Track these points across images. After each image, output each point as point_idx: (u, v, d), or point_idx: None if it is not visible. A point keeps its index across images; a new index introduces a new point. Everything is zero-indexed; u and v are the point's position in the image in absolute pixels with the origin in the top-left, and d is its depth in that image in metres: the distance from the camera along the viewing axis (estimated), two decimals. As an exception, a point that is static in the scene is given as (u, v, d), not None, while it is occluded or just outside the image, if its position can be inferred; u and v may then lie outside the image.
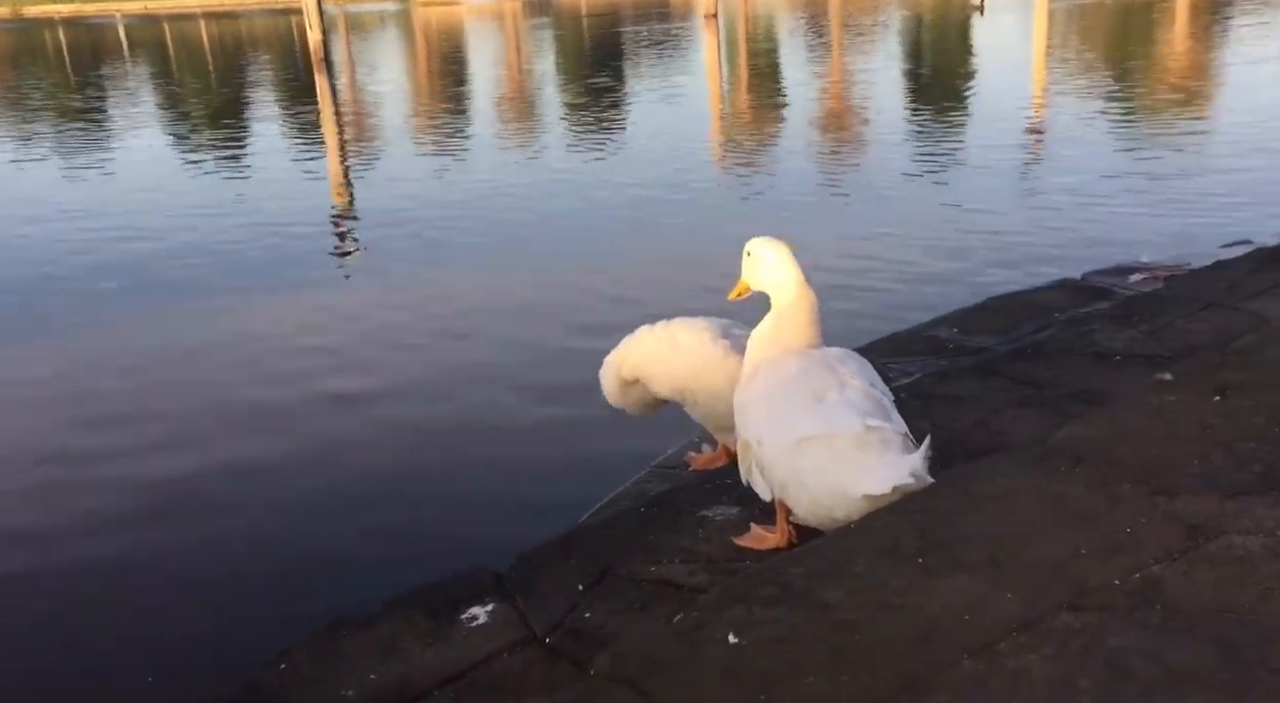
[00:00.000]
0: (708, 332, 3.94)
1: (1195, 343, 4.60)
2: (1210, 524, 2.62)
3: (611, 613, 3.05)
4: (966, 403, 4.19)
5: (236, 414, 5.80)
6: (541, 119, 17.80)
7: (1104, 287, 6.60)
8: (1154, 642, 2.22)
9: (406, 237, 9.76)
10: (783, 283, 3.25)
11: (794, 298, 3.23)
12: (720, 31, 32.66)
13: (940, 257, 8.15)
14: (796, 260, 3.28)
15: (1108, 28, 25.26)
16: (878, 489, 2.76)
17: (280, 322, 7.54)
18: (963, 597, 2.44)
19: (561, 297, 7.62)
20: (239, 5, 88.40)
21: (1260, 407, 3.17)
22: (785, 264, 3.26)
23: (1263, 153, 10.74)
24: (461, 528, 4.35)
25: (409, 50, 38.68)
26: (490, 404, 5.71)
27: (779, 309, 3.27)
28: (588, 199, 10.96)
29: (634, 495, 4.42)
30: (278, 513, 4.63)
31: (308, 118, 19.43)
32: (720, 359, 3.85)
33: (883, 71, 21.03)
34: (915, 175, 11.19)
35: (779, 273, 3.27)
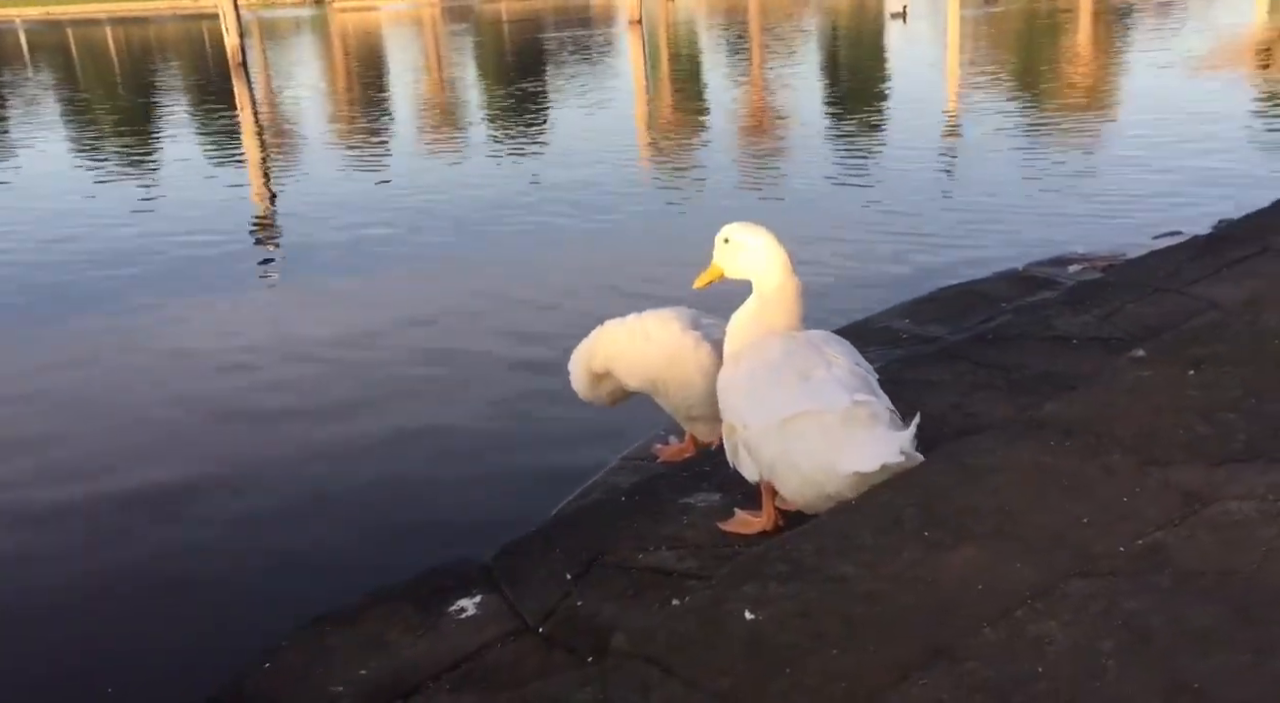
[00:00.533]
0: (677, 322, 3.90)
1: (1148, 325, 4.71)
2: (1204, 491, 2.66)
3: (604, 600, 2.98)
4: (937, 387, 4.21)
5: (205, 419, 5.63)
6: (465, 125, 17.58)
7: (1045, 277, 6.74)
8: (1170, 604, 2.23)
9: (339, 243, 9.51)
10: (768, 269, 3.23)
11: (780, 284, 3.21)
12: (644, 37, 32.77)
13: (876, 257, 8.24)
14: (776, 240, 3.26)
15: (1017, 33, 25.98)
16: (868, 467, 2.73)
17: (229, 327, 7.32)
18: (974, 567, 2.43)
19: (498, 300, 7.48)
20: (147, 10, 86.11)
21: (1234, 379, 3.23)
22: (771, 250, 3.24)
23: (1174, 150, 11.10)
24: (436, 524, 4.25)
25: (326, 55, 38.04)
26: (450, 405, 5.60)
27: (763, 295, 3.24)
28: (516, 204, 10.80)
29: (605, 488, 4.36)
30: (249, 515, 4.48)
31: (226, 124, 18.93)
32: (691, 349, 3.81)
33: (804, 77, 21.30)
34: (840, 177, 11.30)
35: (764, 259, 3.24)
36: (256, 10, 75.47)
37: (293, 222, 10.74)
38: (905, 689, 2.08)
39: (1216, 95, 14.42)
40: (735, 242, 3.31)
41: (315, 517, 4.38)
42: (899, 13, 29.46)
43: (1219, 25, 22.66)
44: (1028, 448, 2.97)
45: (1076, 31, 24.57)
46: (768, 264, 3.23)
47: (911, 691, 2.07)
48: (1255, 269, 5.32)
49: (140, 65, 36.15)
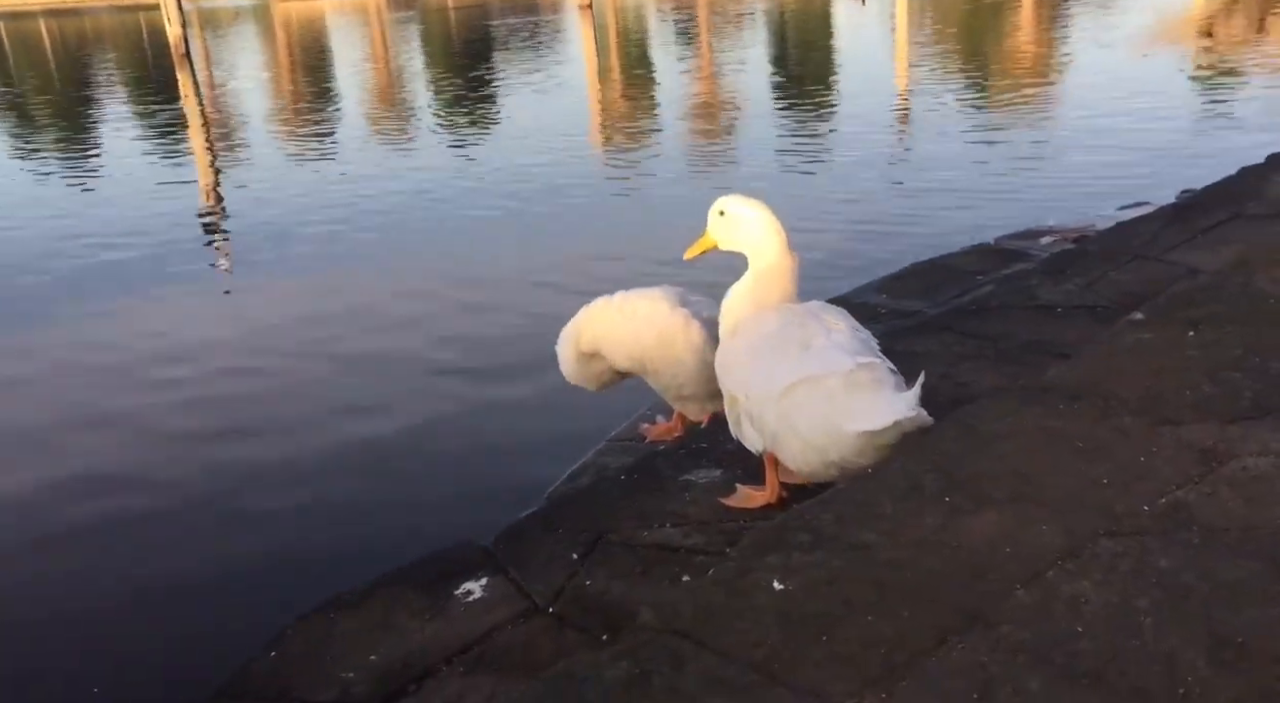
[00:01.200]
0: (666, 301, 3.84)
1: (1131, 292, 4.73)
2: (1219, 449, 2.65)
3: (612, 578, 2.93)
4: (926, 358, 4.19)
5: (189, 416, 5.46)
6: (415, 115, 17.28)
7: (1017, 249, 6.76)
8: (1200, 560, 2.22)
9: (295, 236, 9.20)
10: (765, 244, 3.18)
11: (777, 259, 3.16)
12: (595, 22, 32.56)
13: (842, 235, 8.17)
14: (772, 214, 3.21)
15: (963, 13, 26.21)
16: (878, 424, 2.67)
17: (193, 320, 7.12)
18: (999, 531, 2.40)
19: (464, 289, 7.30)
20: (82, 2, 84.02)
21: (1234, 339, 3.24)
22: (768, 226, 3.19)
23: (1125, 124, 11.18)
24: (428, 513, 4.15)
25: (271, 46, 37.34)
26: (429, 395, 5.47)
27: (759, 270, 3.19)
28: (472, 194, 10.58)
29: (595, 469, 4.30)
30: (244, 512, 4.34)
31: (170, 117, 18.47)
32: (681, 327, 3.75)
33: (755, 60, 21.29)
34: (796, 158, 11.23)
35: (760, 234, 3.19)
36: (196, 1, 73.93)
37: (242, 216, 10.47)
38: (944, 654, 2.04)
39: (1161, 71, 14.63)
40: (731, 214, 3.25)
41: (305, 510, 4.26)
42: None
43: (1158, 4, 23.02)
44: (1036, 413, 2.95)
45: (1020, 10, 24.83)
46: (764, 238, 3.18)
47: (951, 655, 2.04)
48: (1229, 235, 5.38)
49: (78, 58, 35.19)
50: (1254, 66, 14.12)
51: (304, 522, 4.15)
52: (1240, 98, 12.14)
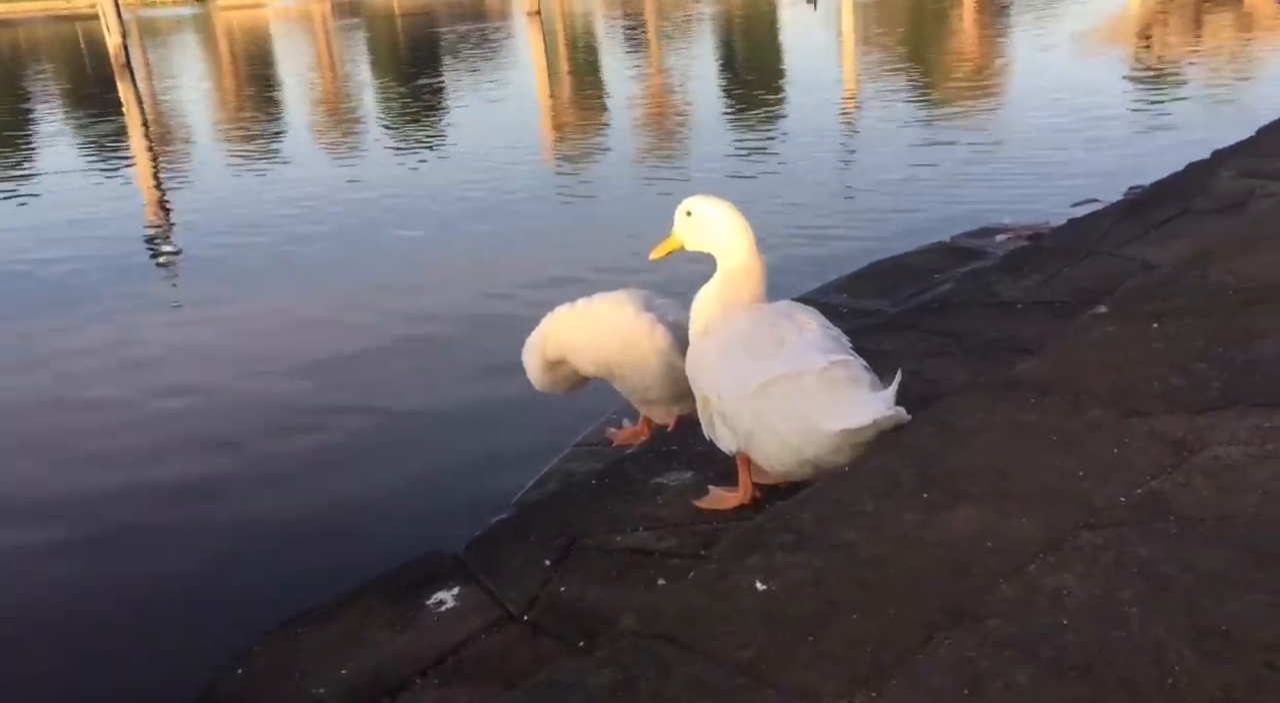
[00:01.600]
0: (631, 304, 3.80)
1: (1088, 287, 4.78)
2: (1190, 439, 2.67)
3: (587, 584, 2.89)
4: (893, 356, 4.20)
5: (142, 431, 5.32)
6: (362, 124, 17.03)
7: (973, 248, 6.83)
8: (1179, 551, 2.22)
9: (243, 249, 9.02)
10: (733, 245, 3.15)
11: (746, 259, 3.14)
12: (544, 29, 32.46)
13: (798, 238, 8.17)
14: (739, 214, 3.19)
15: (908, 17, 26.53)
16: (857, 422, 2.66)
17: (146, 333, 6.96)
18: (979, 526, 2.39)
19: (417, 301, 7.19)
20: (15, 12, 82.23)
21: (1196, 330, 3.28)
22: (736, 225, 3.16)
23: (1069, 124, 11.35)
24: (394, 524, 4.07)
25: (213, 55, 36.77)
26: (389, 407, 5.37)
27: (728, 271, 3.17)
28: (421, 204, 10.40)
29: (562, 475, 4.25)
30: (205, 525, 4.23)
31: (111, 129, 18.08)
32: (646, 332, 3.72)
33: (704, 65, 21.35)
34: (748, 162, 11.23)
35: (728, 234, 3.16)
36: (135, 10, 72.64)
37: (188, 228, 10.24)
38: (932, 650, 2.02)
39: (1102, 71, 14.88)
40: (698, 214, 3.22)
41: (270, 524, 4.16)
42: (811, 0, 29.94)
43: (1097, 7, 23.47)
44: (1008, 408, 2.95)
45: (962, 14, 25.18)
46: (732, 238, 3.16)
47: (939, 651, 2.02)
48: (1179, 230, 5.46)
49: (12, 70, 34.37)
50: (1191, 66, 14.44)
51: (269, 536, 4.05)
52: (1180, 96, 12.40)
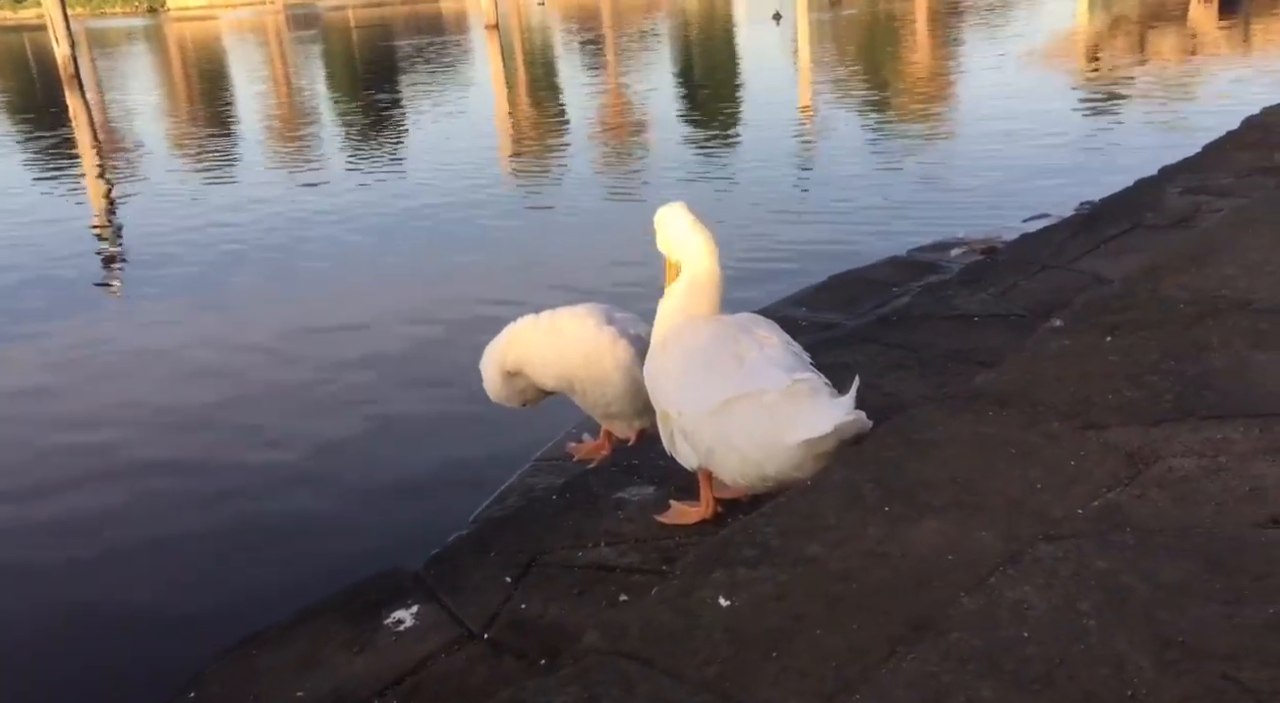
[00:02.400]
0: (592, 318, 3.79)
1: (1042, 300, 4.85)
2: (1145, 451, 2.71)
3: (548, 601, 2.86)
4: (853, 368, 4.16)
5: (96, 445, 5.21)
6: (317, 137, 16.84)
7: (929, 261, 6.90)
8: (1138, 562, 2.24)
9: (195, 262, 8.87)
10: (694, 252, 3.15)
11: (707, 265, 3.14)
12: (501, 42, 32.40)
13: (757, 252, 8.17)
14: (703, 223, 3.18)
15: (862, 35, 26.84)
16: (819, 431, 2.64)
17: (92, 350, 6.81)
18: (941, 539, 2.40)
19: (372, 314, 7.10)
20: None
21: (1150, 343, 3.33)
22: (692, 229, 3.16)
23: (1018, 140, 11.51)
24: (352, 541, 4.00)
25: (165, 67, 36.28)
26: (345, 422, 5.30)
27: (692, 276, 3.16)
28: (376, 218, 10.27)
29: (522, 490, 4.21)
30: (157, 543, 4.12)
31: (59, 141, 17.76)
32: (608, 346, 3.71)
33: (662, 80, 21.42)
34: (705, 178, 11.22)
35: (688, 241, 3.16)
36: (84, 20, 71.55)
37: (137, 243, 10.04)
38: (896, 665, 2.02)
39: (1051, 88, 15.14)
40: (661, 221, 3.22)
41: (223, 543, 4.07)
42: (778, 15, 30.15)
43: (1044, 27, 23.91)
44: (968, 420, 2.97)
45: (915, 33, 25.51)
46: (693, 246, 3.15)
47: (903, 665, 2.02)
48: (1130, 244, 5.56)
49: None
50: (1137, 83, 14.73)
51: (223, 555, 3.96)
52: (1127, 113, 12.64)
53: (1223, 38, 17.90)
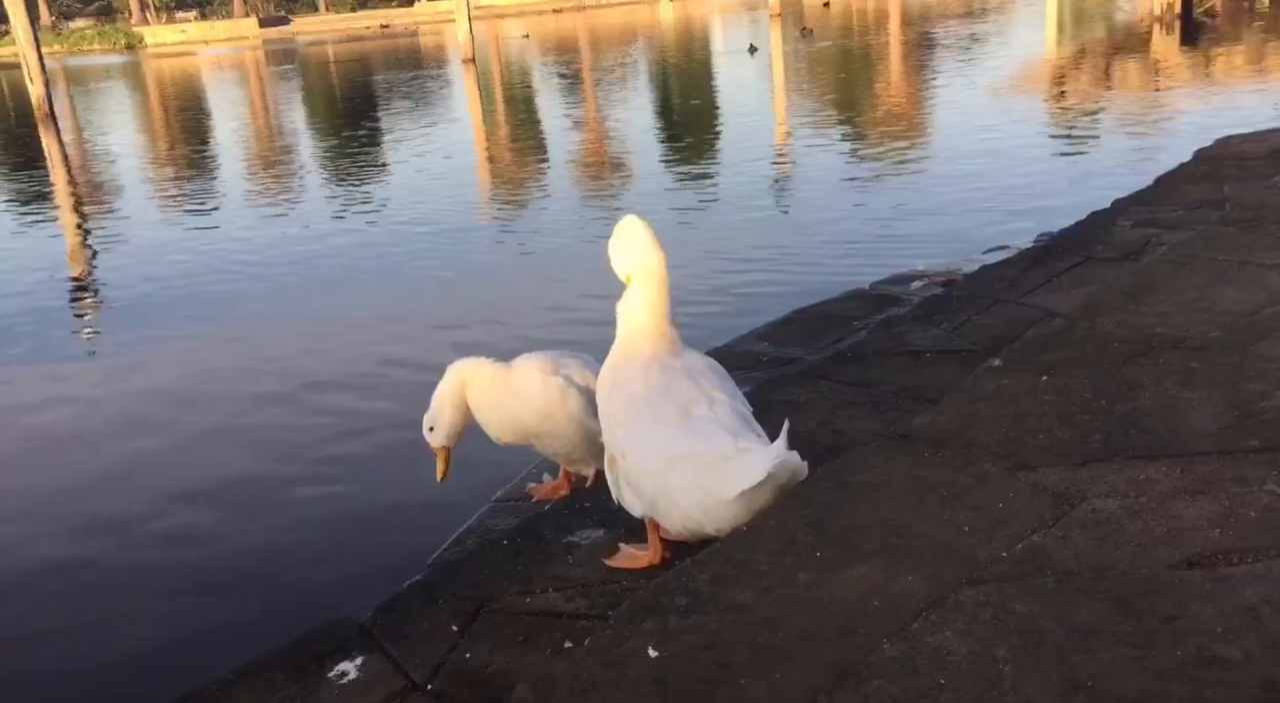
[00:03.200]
0: (539, 373, 3.84)
1: (994, 336, 4.93)
2: (1071, 492, 2.77)
3: (494, 650, 2.89)
4: (804, 407, 4.29)
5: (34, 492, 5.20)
6: (296, 174, 16.90)
7: (891, 294, 6.99)
8: (1055, 605, 2.30)
9: (166, 303, 8.86)
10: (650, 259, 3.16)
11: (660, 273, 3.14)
12: (479, 76, 32.62)
13: (726, 284, 8.25)
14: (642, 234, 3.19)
15: (835, 67, 27.14)
16: (751, 481, 2.69)
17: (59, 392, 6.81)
18: (868, 584, 2.46)
19: (340, 356, 7.11)
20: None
21: (1083, 382, 3.41)
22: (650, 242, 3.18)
23: (984, 169, 11.66)
24: (305, 589, 4.00)
25: (144, 103, 36.33)
26: (303, 466, 5.31)
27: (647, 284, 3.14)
28: (355, 255, 10.34)
29: (481, 532, 4.25)
30: (92, 596, 4.11)
31: (34, 181, 17.77)
32: (559, 400, 3.77)
33: (638, 112, 21.61)
34: (680, 210, 11.34)
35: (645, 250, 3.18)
36: (61, 58, 71.62)
37: (111, 285, 10.07)
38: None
39: (1020, 116, 15.37)
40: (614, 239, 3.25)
41: (171, 590, 4.07)
42: (754, 47, 30.57)
43: (1014, 56, 24.27)
44: (904, 462, 3.04)
45: (888, 65, 25.84)
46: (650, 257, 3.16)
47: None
48: (1081, 278, 5.67)
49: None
50: (1100, 111, 14.97)
51: (169, 603, 3.95)
52: (1090, 143, 12.84)
53: (1185, 67, 18.22)
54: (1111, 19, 27.88)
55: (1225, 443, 2.90)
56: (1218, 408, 3.11)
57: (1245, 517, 2.54)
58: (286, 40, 76.63)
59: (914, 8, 44.49)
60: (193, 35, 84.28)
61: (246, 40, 78.47)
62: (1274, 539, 2.43)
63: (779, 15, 42.96)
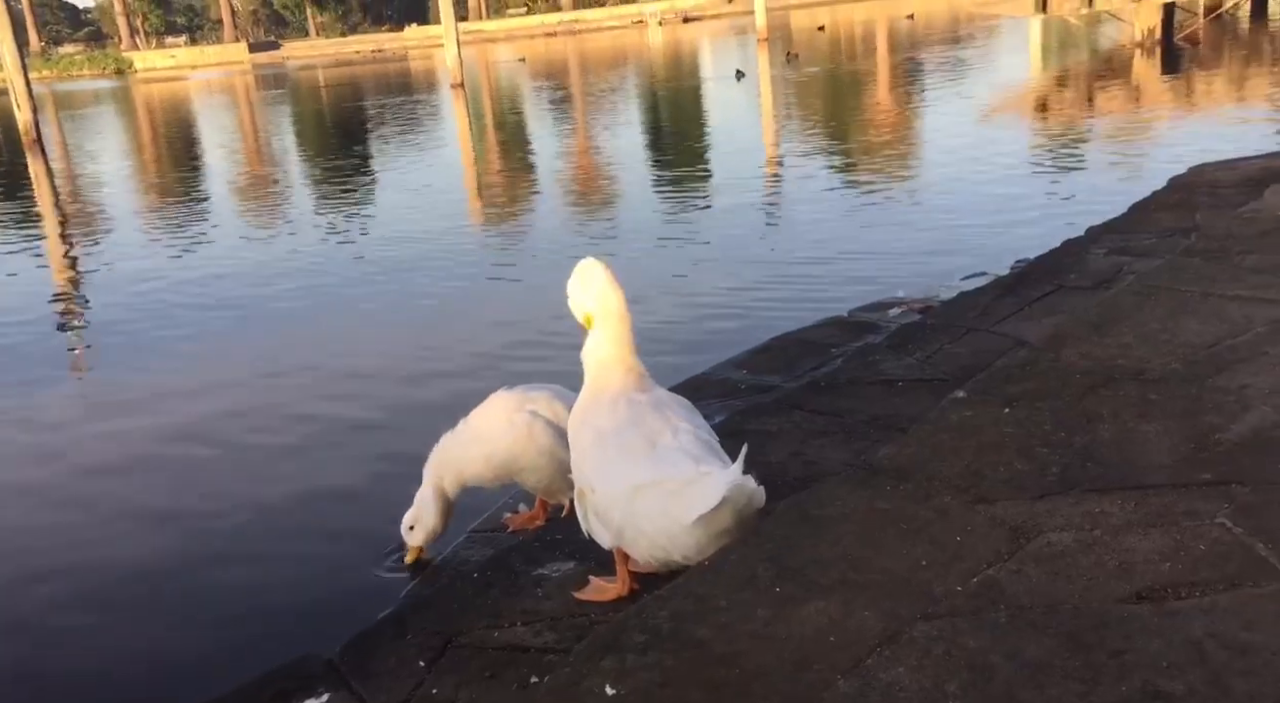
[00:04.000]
0: (504, 412, 3.91)
1: (965, 365, 4.98)
2: (1028, 525, 2.82)
3: (460, 686, 2.92)
4: (776, 437, 4.34)
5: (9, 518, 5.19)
6: (286, 199, 16.98)
7: (869, 321, 7.05)
8: (1007, 640, 2.34)
9: (152, 332, 8.88)
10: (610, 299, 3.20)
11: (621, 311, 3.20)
12: (468, 101, 32.80)
13: (708, 311, 8.32)
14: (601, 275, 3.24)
15: (823, 93, 27.36)
16: (708, 505, 2.70)
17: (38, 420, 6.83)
18: (825, 619, 2.50)
19: (324, 384, 7.13)
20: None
21: (1044, 414, 3.46)
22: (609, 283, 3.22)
23: (966, 195, 11.79)
24: (274, 621, 4.00)
25: (133, 128, 36.44)
26: (279, 496, 5.32)
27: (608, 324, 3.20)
28: (345, 282, 10.38)
29: (456, 564, 4.27)
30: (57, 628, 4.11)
31: (20, 209, 17.81)
32: (525, 436, 3.84)
33: (628, 136, 21.76)
34: (668, 235, 11.40)
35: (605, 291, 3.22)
36: (50, 83, 71.75)
37: (100, 313, 10.08)
38: (768, 750, 2.10)
39: (1002, 142, 15.52)
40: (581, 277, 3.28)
41: (135, 625, 4.07)
42: (741, 73, 30.81)
43: (998, 81, 24.52)
44: (866, 495, 3.08)
45: (873, 90, 26.07)
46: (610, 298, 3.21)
47: (774, 751, 2.10)
48: (1053, 306, 5.73)
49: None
50: (1081, 137, 15.13)
51: (130, 642, 3.91)
52: (1069, 169, 12.97)
53: (1165, 92, 18.42)
54: (1095, 45, 28.18)
55: (1179, 476, 2.95)
56: (1174, 440, 3.16)
57: (1195, 550, 2.59)
58: (277, 65, 76.96)
59: (901, 31, 44.90)
60: (182, 60, 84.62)
61: (237, 65, 78.77)
62: (1221, 573, 2.48)
63: (766, 40, 43.29)
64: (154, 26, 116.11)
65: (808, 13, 70.84)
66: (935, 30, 43.12)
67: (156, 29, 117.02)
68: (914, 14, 52.37)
